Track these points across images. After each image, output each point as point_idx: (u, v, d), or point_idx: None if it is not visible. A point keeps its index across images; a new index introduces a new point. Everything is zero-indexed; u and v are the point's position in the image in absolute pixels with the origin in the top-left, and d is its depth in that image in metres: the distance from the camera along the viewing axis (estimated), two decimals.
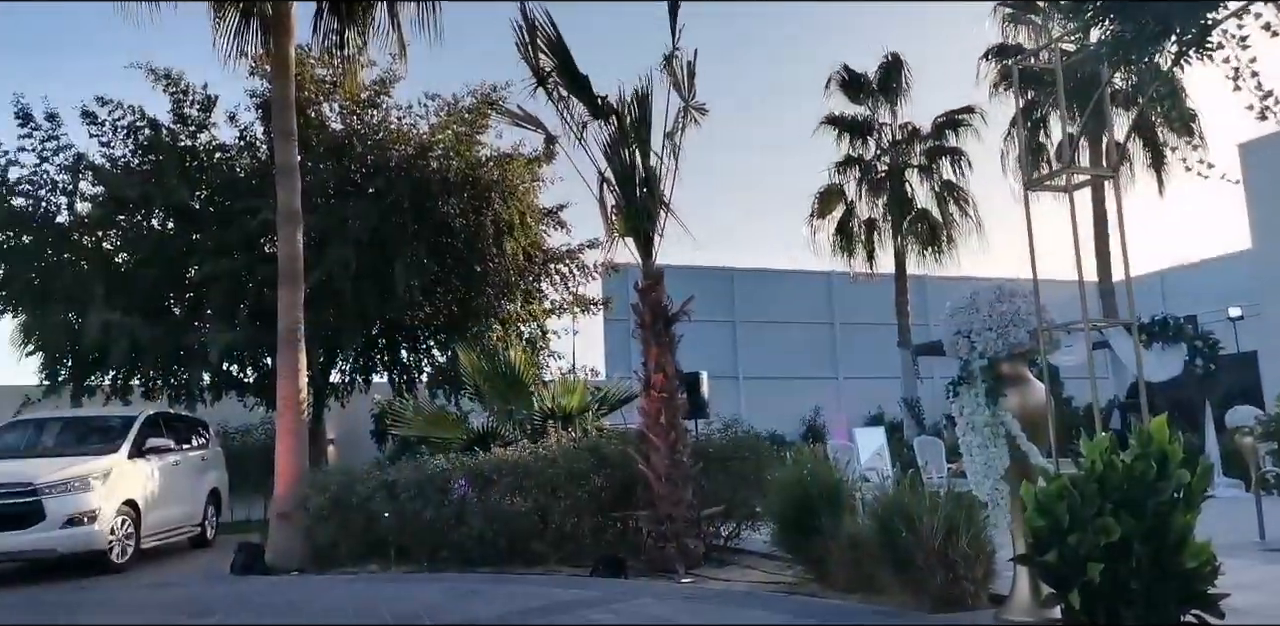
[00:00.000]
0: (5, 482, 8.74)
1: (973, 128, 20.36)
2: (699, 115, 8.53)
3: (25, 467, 9.14)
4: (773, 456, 8.88)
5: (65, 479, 8.87)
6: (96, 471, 9.15)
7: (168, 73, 13.64)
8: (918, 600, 5.30)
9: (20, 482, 8.74)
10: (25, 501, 8.63)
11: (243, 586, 8.14)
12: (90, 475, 9.05)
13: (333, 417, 15.46)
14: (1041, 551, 4.26)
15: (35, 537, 8.61)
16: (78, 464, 9.20)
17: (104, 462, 9.37)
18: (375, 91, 14.05)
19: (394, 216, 12.78)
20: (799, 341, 24.27)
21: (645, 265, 8.50)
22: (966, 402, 5.01)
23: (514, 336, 14.29)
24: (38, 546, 8.68)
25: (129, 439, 9.96)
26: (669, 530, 7.87)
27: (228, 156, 14.13)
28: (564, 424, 10.39)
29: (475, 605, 6.29)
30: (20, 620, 6.90)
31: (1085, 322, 5.02)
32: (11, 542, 8.56)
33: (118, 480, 9.38)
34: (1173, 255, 47.89)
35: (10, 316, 13.36)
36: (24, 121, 13.25)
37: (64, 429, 10.76)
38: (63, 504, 8.72)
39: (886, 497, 5.63)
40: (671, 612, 5.68)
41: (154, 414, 11.08)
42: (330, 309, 12.62)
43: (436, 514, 8.36)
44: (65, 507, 8.72)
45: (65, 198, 13.50)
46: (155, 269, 13.16)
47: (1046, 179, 5.74)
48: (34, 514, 8.62)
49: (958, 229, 20.26)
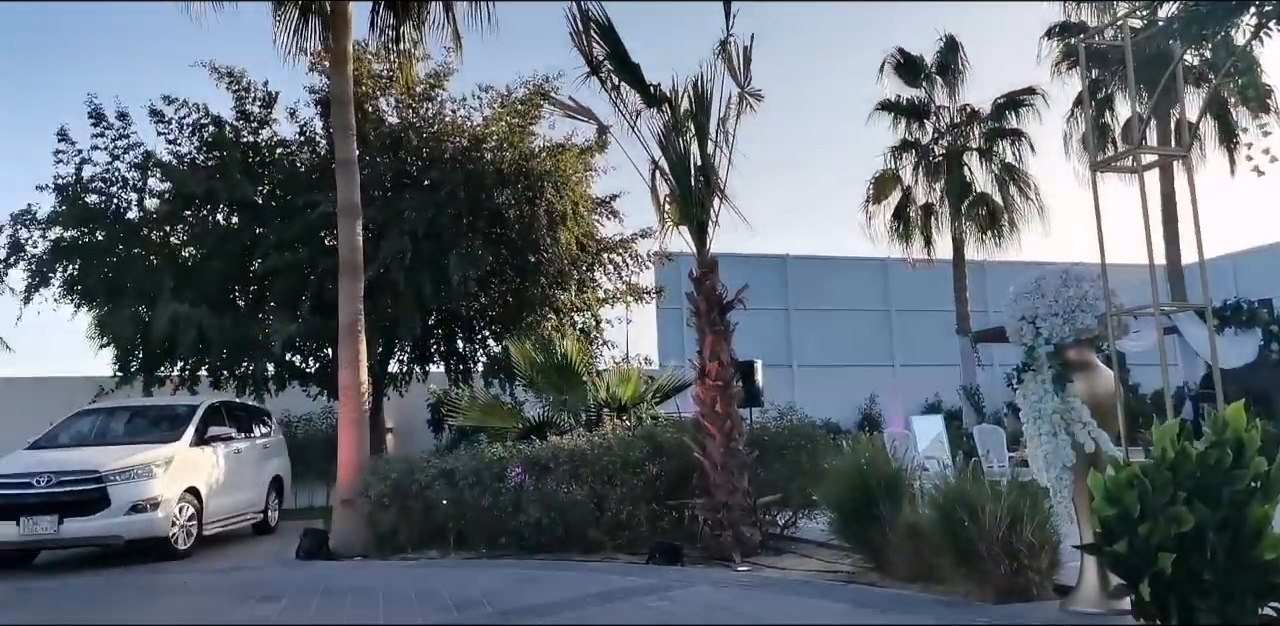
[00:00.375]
0: (72, 470, 8.99)
1: (1034, 109, 19.82)
2: (754, 102, 8.46)
3: (92, 456, 9.35)
4: (829, 445, 8.81)
5: (129, 466, 9.07)
6: (159, 459, 9.35)
7: (230, 71, 13.96)
8: (980, 590, 5.22)
9: (87, 470, 8.97)
10: (91, 488, 8.85)
11: (308, 571, 8.35)
12: (153, 463, 9.25)
13: (391, 407, 15.74)
14: (1110, 541, 4.16)
15: (101, 524, 8.81)
16: (141, 452, 9.41)
17: (166, 451, 9.59)
18: (430, 85, 14.20)
19: (449, 208, 12.93)
20: (854, 329, 23.98)
21: (700, 254, 8.47)
22: (1031, 390, 4.90)
23: (568, 326, 14.38)
24: (103, 532, 8.88)
25: (191, 427, 10.17)
26: (725, 518, 7.87)
27: (288, 152, 14.43)
28: (619, 412, 10.45)
29: (534, 591, 6.36)
30: (103, 600, 7.18)
31: (1155, 307, 4.87)
32: (78, 528, 8.77)
33: (180, 468, 9.58)
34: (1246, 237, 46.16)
35: (85, 310, 13.86)
36: (97, 121, 13.68)
37: (130, 418, 11.01)
38: (127, 491, 8.92)
39: (947, 486, 5.54)
40: (729, 600, 5.68)
41: (216, 403, 11.32)
42: (387, 300, 12.83)
43: (494, 501, 8.48)
44: (129, 495, 8.92)
45: (135, 194, 13.93)
46: (221, 262, 13.52)
47: (1115, 160, 5.57)
48: (99, 501, 8.83)
49: (1019, 213, 19.77)
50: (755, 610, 5.38)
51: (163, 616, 6.39)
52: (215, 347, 13.33)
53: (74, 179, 13.58)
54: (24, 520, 8.67)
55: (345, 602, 6.29)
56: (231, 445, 10.90)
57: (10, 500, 8.78)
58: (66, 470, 8.99)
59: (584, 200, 14.21)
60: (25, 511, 8.70)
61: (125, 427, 10.71)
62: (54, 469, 9.01)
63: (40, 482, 8.85)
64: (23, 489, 8.82)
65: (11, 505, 8.75)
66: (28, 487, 8.82)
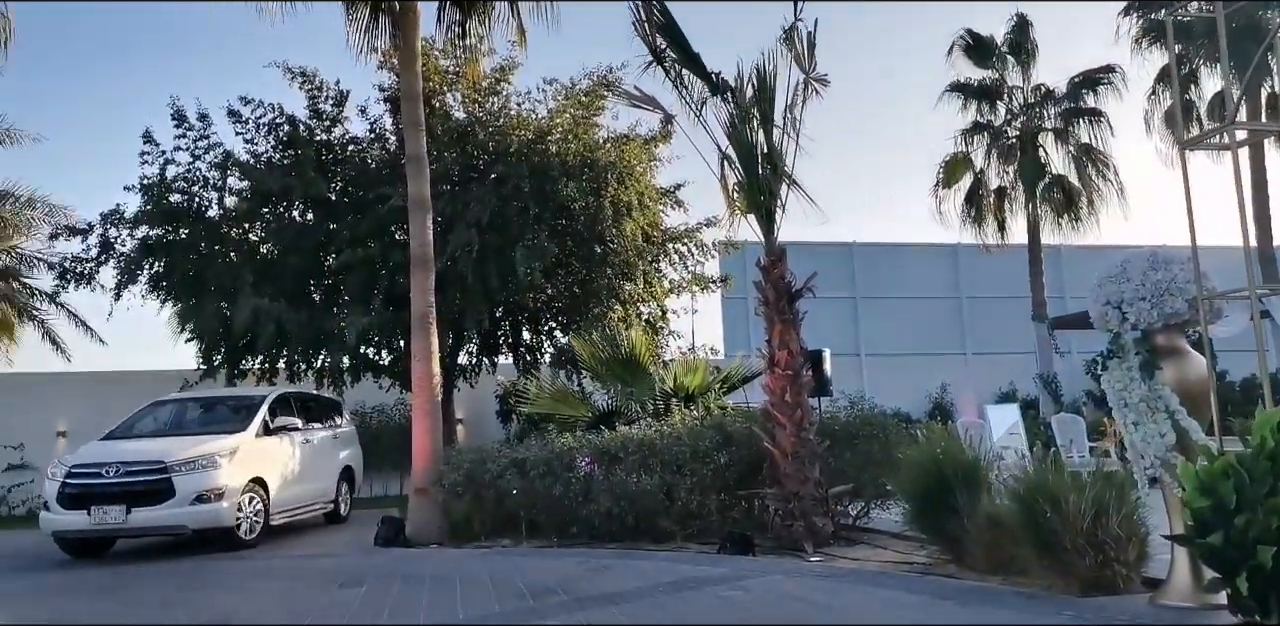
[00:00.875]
0: (139, 461, 9.14)
1: (1113, 87, 19.11)
2: (820, 87, 8.34)
3: (157, 446, 9.48)
4: (902, 434, 8.67)
5: (194, 457, 9.16)
6: (224, 450, 9.41)
7: (303, 71, 14.29)
8: (1064, 582, 5.09)
9: (152, 461, 9.11)
10: (157, 479, 8.97)
11: (386, 557, 8.58)
12: (217, 453, 9.31)
13: (460, 398, 15.97)
14: (1203, 533, 4.01)
15: (166, 513, 8.94)
16: (206, 442, 9.50)
17: (231, 441, 9.65)
18: (495, 79, 14.32)
19: (515, 201, 13.05)
20: (923, 316, 23.48)
21: (767, 242, 8.40)
22: (1117, 377, 4.74)
23: (633, 317, 14.40)
24: (168, 522, 9.03)
25: (257, 418, 10.21)
26: (796, 508, 7.82)
27: (360, 148, 14.72)
28: (686, 402, 10.45)
29: (607, 579, 6.42)
30: (195, 583, 7.48)
31: (1251, 290, 4.66)
32: (145, 518, 8.91)
33: (245, 458, 9.61)
34: None
35: (170, 305, 14.38)
36: (179, 122, 14.14)
37: (201, 409, 11.13)
38: (191, 481, 9.01)
39: (1028, 477, 5.40)
40: (804, 590, 5.64)
41: (285, 394, 11.40)
42: (455, 292, 13.01)
43: (565, 490, 8.56)
44: (194, 485, 9.01)
45: (215, 193, 14.34)
46: (297, 258, 13.87)
47: (1206, 137, 5.32)
48: (165, 491, 8.95)
49: (1097, 195, 19.11)
50: (831, 601, 5.33)
51: (253, 600, 6.63)
52: (293, 341, 13.67)
53: (158, 179, 14.05)
54: (94, 509, 8.85)
55: (424, 588, 6.44)
56: (300, 435, 10.95)
57: (81, 490, 9.00)
58: (133, 460, 9.15)
59: (649, 190, 14.19)
60: (95, 501, 8.88)
61: (196, 418, 10.85)
62: (122, 459, 9.18)
63: (109, 473, 9.02)
64: (93, 479, 9.02)
65: (82, 495, 8.97)
66: (97, 478, 9.01)
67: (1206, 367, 4.72)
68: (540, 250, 12.73)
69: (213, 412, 10.99)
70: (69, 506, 9.00)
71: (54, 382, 17.31)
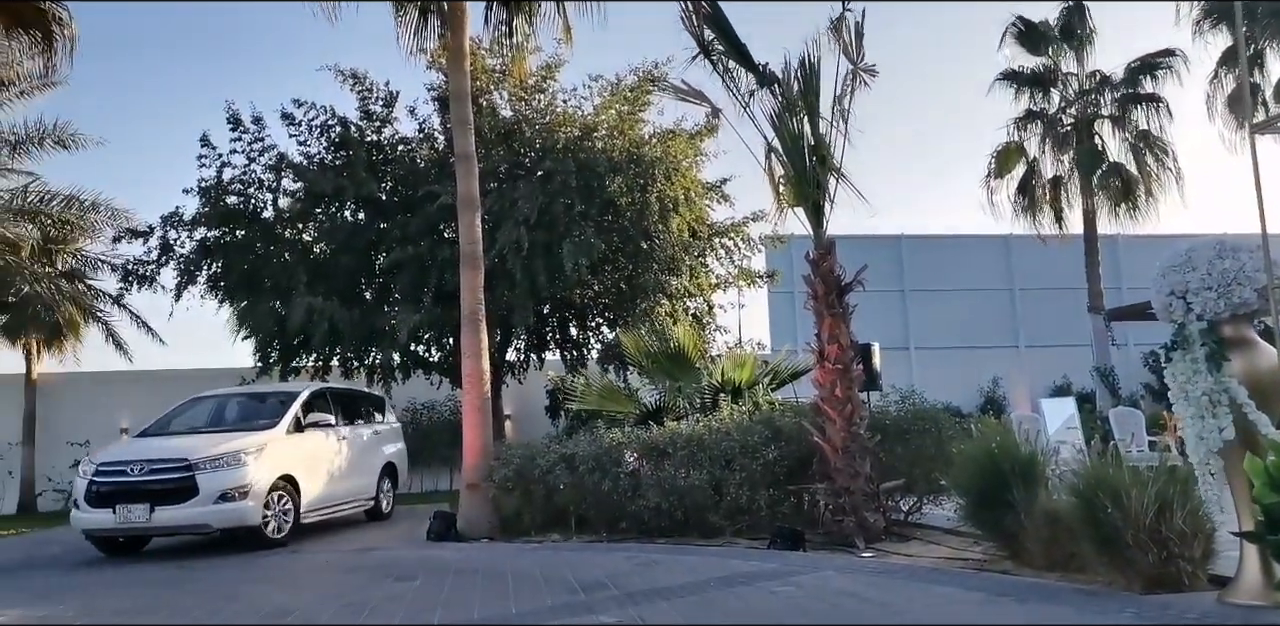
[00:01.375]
0: (163, 459, 9.03)
1: (1173, 72, 18.53)
2: (868, 78, 8.22)
3: (183, 444, 9.37)
4: (955, 429, 8.53)
5: (218, 455, 9.00)
6: (250, 447, 9.24)
7: (354, 72, 14.54)
8: (1126, 580, 4.95)
9: (176, 459, 8.98)
10: (180, 477, 8.82)
11: (438, 552, 8.68)
12: (243, 451, 9.13)
13: (509, 394, 16.12)
14: (1274, 529, 3.89)
15: (190, 512, 8.78)
16: (233, 440, 9.35)
17: (259, 438, 9.48)
18: (542, 77, 14.42)
19: (561, 197, 13.11)
20: (974, 309, 23.06)
21: (816, 235, 8.32)
22: (1180, 369, 4.59)
23: (680, 312, 14.39)
24: (192, 521, 8.88)
25: (289, 415, 10.05)
26: (847, 503, 7.74)
27: (409, 148, 14.93)
28: (734, 397, 10.41)
29: (657, 574, 6.42)
30: (252, 577, 7.65)
31: None
32: (168, 517, 8.77)
33: (274, 455, 9.44)
34: None
35: (227, 305, 14.73)
36: (234, 125, 14.46)
37: (237, 405, 10.98)
38: (215, 479, 8.83)
39: (1087, 471, 5.27)
40: (858, 586, 5.57)
41: (322, 389, 11.24)
42: (504, 289, 13.12)
43: (614, 486, 8.59)
44: (218, 483, 8.83)
45: (270, 194, 14.67)
46: (349, 257, 14.12)
47: (1276, 120, 5.13)
48: (188, 489, 8.78)
49: (1156, 182, 18.55)
50: (885, 597, 5.26)
51: (309, 593, 6.77)
52: (346, 338, 13.92)
53: (215, 181, 14.40)
54: (119, 508, 8.76)
55: (476, 582, 6.51)
56: (336, 432, 10.81)
57: (108, 487, 8.92)
58: (158, 458, 9.06)
59: (695, 185, 14.16)
60: (120, 499, 8.80)
61: (231, 415, 10.72)
62: (147, 457, 9.10)
63: (134, 471, 8.92)
64: (118, 477, 8.93)
65: (109, 493, 8.88)
66: (122, 476, 8.92)
67: (1278, 359, 4.56)
68: (587, 246, 12.78)
69: (248, 409, 10.86)
70: (96, 504, 8.94)
71: (118, 381, 17.87)
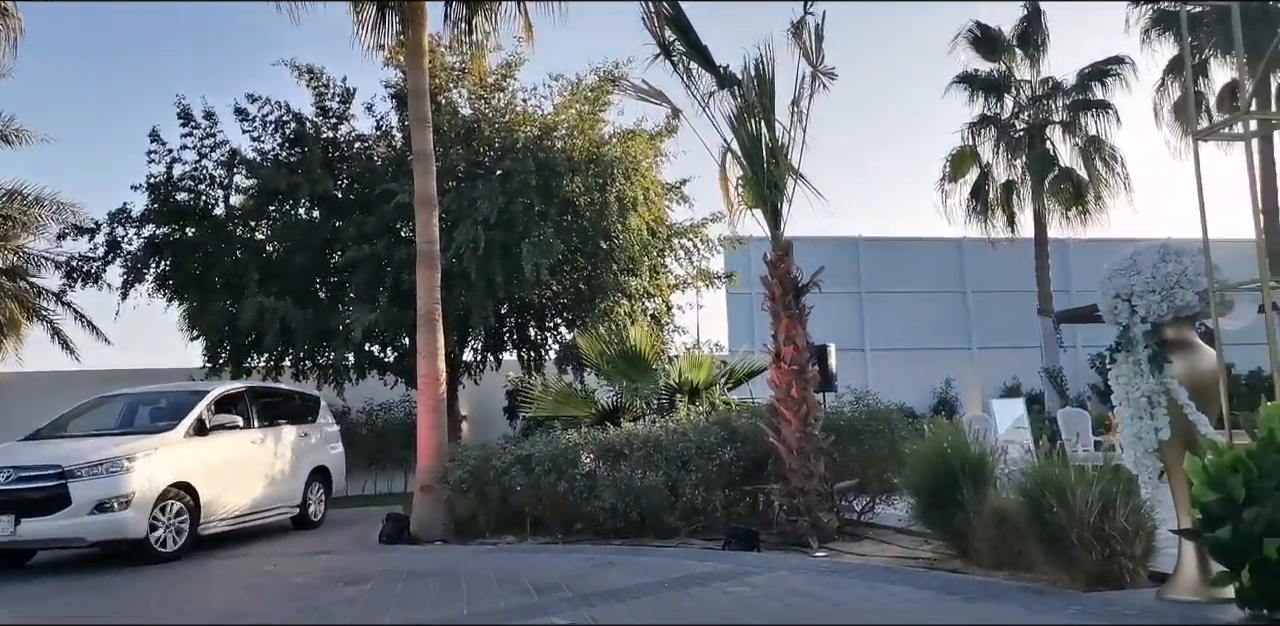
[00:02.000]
0: (34, 465, 8.16)
1: (1121, 79, 19.00)
2: (828, 81, 8.29)
3: (61, 449, 8.51)
4: (908, 429, 8.64)
5: (98, 461, 8.14)
6: (137, 452, 8.39)
7: (310, 68, 14.33)
8: (1070, 578, 5.05)
9: (48, 465, 8.12)
10: (51, 486, 7.97)
11: (391, 555, 8.56)
12: (127, 456, 8.27)
13: (465, 395, 16.00)
14: (1211, 527, 3.98)
15: (61, 524, 7.91)
16: (120, 444, 8.48)
17: (150, 442, 8.66)
18: (502, 75, 14.33)
19: (520, 197, 13.04)
20: (928, 311, 23.41)
21: (774, 236, 8.36)
22: (1124, 371, 4.70)
23: (639, 312, 14.40)
24: (64, 534, 7.99)
25: (190, 416, 9.19)
26: (801, 503, 7.80)
27: (366, 146, 14.76)
28: (691, 398, 10.43)
29: (612, 575, 6.41)
30: (196, 583, 7.49)
31: (1263, 282, 4.61)
32: (36, 529, 7.90)
33: (167, 461, 8.61)
34: None
35: (177, 304, 14.42)
36: (185, 121, 14.17)
37: (141, 406, 10.07)
38: (92, 488, 7.99)
39: (1034, 471, 5.37)
40: (810, 586, 5.62)
41: (240, 388, 10.44)
42: (461, 289, 13.02)
43: (570, 487, 8.55)
44: (94, 492, 7.98)
45: (222, 191, 14.40)
46: (303, 255, 13.92)
47: (1220, 127, 5.27)
48: (59, 499, 7.92)
49: (1105, 188, 19.00)
50: (837, 596, 5.31)
51: (259, 597, 6.64)
52: (299, 338, 13.72)
53: (165, 178, 14.10)
54: None
55: (429, 585, 6.44)
56: (251, 434, 10.03)
57: None
58: (29, 465, 8.16)
59: (654, 186, 14.19)
60: None
61: (132, 416, 9.87)
62: (17, 463, 8.20)
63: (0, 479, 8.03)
64: None
65: None
66: None
67: (1217, 361, 4.68)
68: (546, 246, 12.73)
69: (153, 410, 9.94)
70: None
71: (62, 381, 17.34)
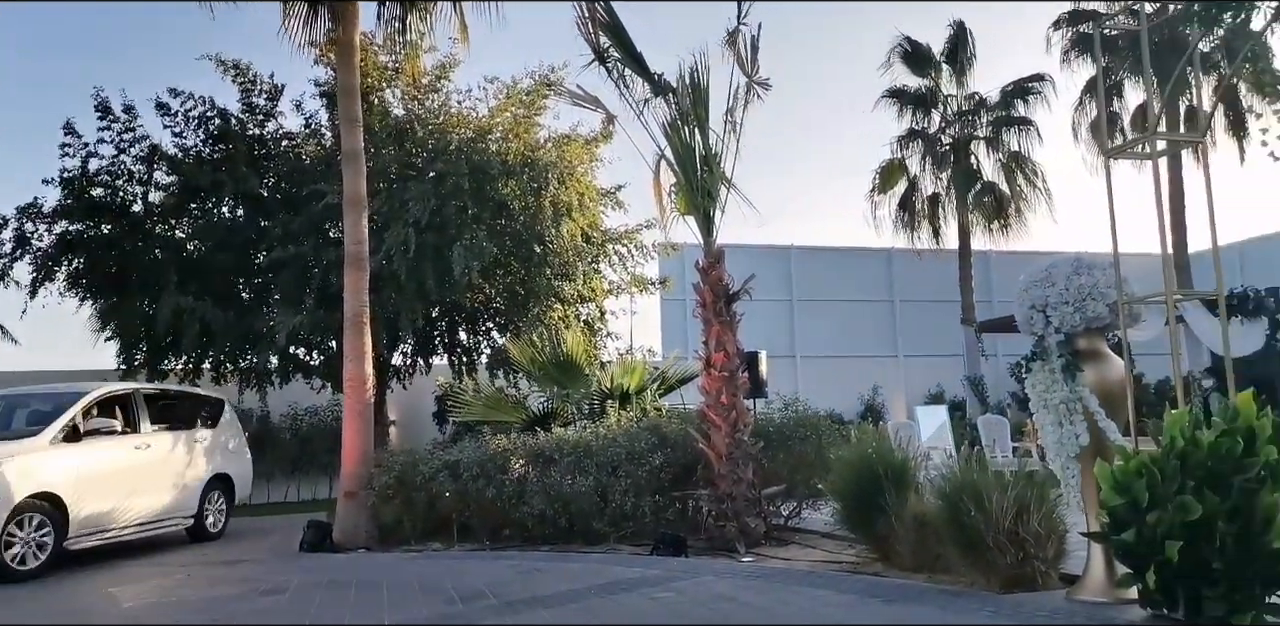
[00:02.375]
0: None
1: (1042, 96, 19.73)
2: (762, 91, 8.40)
3: None
4: (834, 435, 8.78)
5: None
6: None
7: (236, 64, 13.93)
8: (986, 580, 5.20)
9: None
10: None
11: (311, 563, 8.35)
12: None
13: (394, 399, 15.71)
14: (1118, 530, 4.14)
15: None
16: None
17: (6, 450, 7.91)
18: (436, 76, 14.14)
19: (453, 199, 12.87)
20: (857, 319, 23.88)
21: (706, 244, 8.43)
22: (1040, 379, 4.86)
23: (572, 317, 14.34)
24: None
25: (59, 422, 8.48)
26: (729, 509, 7.86)
27: (294, 144, 14.40)
28: (623, 404, 10.43)
29: (538, 582, 6.36)
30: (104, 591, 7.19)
31: (1169, 295, 4.82)
32: None
33: (27, 470, 7.92)
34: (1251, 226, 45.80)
35: (90, 303, 13.86)
36: (103, 114, 13.64)
37: (11, 409, 9.32)
38: None
39: (954, 476, 5.51)
40: (735, 590, 5.66)
41: (124, 391, 9.69)
42: (391, 292, 12.81)
43: (498, 493, 8.47)
44: None
45: (141, 187, 13.89)
46: (226, 255, 13.50)
47: (1130, 146, 5.51)
48: None
49: (1026, 202, 19.69)
50: (761, 601, 5.36)
51: (169, 609, 6.40)
52: (219, 340, 13.32)
53: (80, 172, 13.55)
54: None
55: (349, 595, 6.29)
56: (134, 439, 9.37)
57: None
58: None
59: (589, 191, 14.15)
60: None
61: (8, 420, 9.12)
62: None
63: None
64: None
65: None
66: None
67: (1125, 370, 4.87)
68: (478, 250, 12.59)
69: (30, 413, 9.15)
70: None
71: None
